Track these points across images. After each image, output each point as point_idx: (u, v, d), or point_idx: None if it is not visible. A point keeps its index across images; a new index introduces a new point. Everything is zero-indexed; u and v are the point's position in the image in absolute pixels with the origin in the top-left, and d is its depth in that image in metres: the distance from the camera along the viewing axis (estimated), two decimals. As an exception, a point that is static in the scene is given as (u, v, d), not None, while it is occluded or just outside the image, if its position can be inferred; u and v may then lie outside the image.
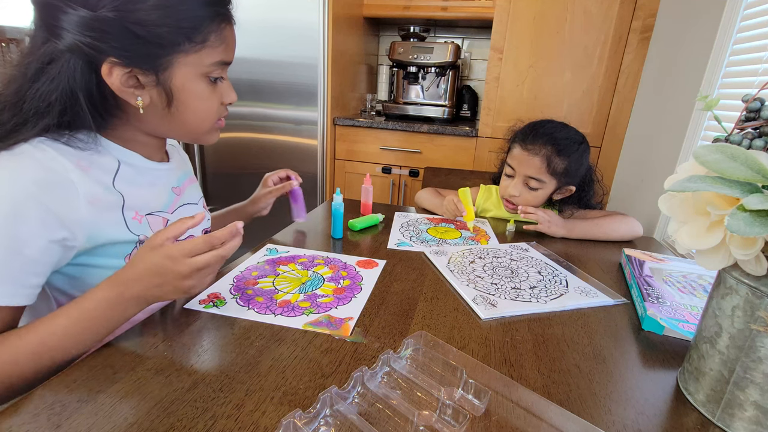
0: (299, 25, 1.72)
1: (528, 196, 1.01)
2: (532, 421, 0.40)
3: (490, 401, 0.42)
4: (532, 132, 1.00)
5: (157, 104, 0.53)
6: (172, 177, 0.65)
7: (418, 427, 0.37)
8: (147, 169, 0.60)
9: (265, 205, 0.91)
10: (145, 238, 0.57)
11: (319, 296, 0.60)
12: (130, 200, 0.55)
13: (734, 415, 0.40)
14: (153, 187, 0.60)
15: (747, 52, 0.97)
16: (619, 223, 0.96)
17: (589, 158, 1.04)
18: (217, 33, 0.52)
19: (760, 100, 0.40)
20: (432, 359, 0.47)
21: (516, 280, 0.70)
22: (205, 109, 0.57)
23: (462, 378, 0.43)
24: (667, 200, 0.43)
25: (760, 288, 0.37)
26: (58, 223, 0.47)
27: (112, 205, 0.53)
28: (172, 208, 0.63)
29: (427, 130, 1.83)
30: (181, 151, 0.74)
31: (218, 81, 0.57)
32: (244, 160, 1.95)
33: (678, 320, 0.57)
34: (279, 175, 0.92)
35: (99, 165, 0.52)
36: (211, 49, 0.52)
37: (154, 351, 0.46)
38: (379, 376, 0.44)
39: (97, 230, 0.51)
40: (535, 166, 0.98)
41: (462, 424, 0.37)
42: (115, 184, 0.54)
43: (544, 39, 1.67)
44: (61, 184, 0.47)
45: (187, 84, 0.53)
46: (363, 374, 0.42)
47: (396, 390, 0.42)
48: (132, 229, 0.55)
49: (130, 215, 0.55)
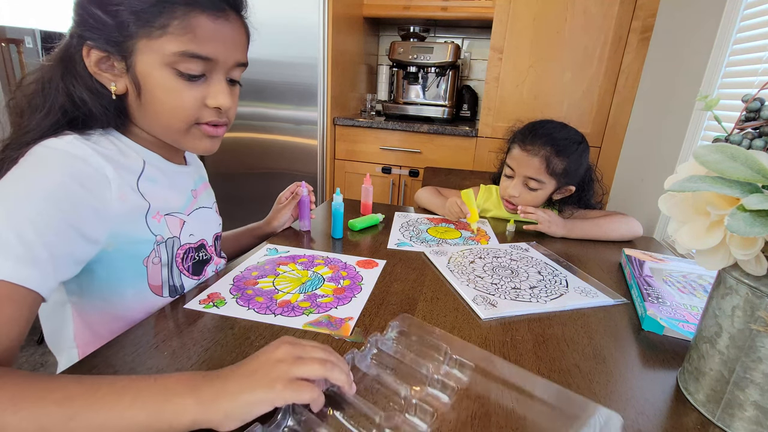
0: (299, 25, 1.72)
1: (527, 196, 1.01)
2: (513, 392, 0.43)
3: (473, 374, 0.45)
4: (531, 132, 0.99)
5: (132, 93, 0.52)
6: (189, 180, 0.65)
7: (412, 400, 0.39)
8: (168, 170, 0.60)
9: (280, 223, 0.88)
10: (161, 239, 0.56)
11: (319, 296, 0.60)
12: (153, 200, 0.55)
13: (734, 415, 0.40)
14: (173, 188, 0.60)
15: (747, 52, 0.97)
16: (619, 223, 0.96)
17: (588, 158, 1.04)
18: (181, 20, 0.48)
19: (760, 100, 0.40)
20: (418, 339, 0.50)
21: (516, 280, 0.70)
22: (174, 104, 0.52)
23: (447, 354, 0.46)
24: (667, 200, 0.43)
25: (760, 288, 0.37)
26: (92, 216, 0.47)
27: (137, 203, 0.53)
28: (189, 210, 0.63)
29: (427, 130, 1.83)
30: (196, 158, 0.74)
31: (198, 78, 0.52)
32: (244, 160, 1.95)
33: (678, 320, 0.57)
34: (290, 189, 0.90)
35: (125, 165, 0.53)
36: (172, 36, 0.48)
37: (154, 351, 0.46)
38: (368, 358, 0.46)
39: (122, 228, 0.51)
40: (534, 167, 0.97)
41: (451, 395, 0.41)
42: (139, 184, 0.54)
43: (544, 39, 1.67)
44: (98, 180, 0.48)
45: (153, 72, 0.50)
46: (354, 356, 0.44)
47: (387, 369, 0.44)
48: (152, 229, 0.55)
49: (151, 214, 0.55)
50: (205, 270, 0.65)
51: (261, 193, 1.94)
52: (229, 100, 0.55)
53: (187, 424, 0.33)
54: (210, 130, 0.56)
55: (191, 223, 0.62)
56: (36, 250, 0.40)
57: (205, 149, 0.58)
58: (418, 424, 0.38)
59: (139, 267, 0.55)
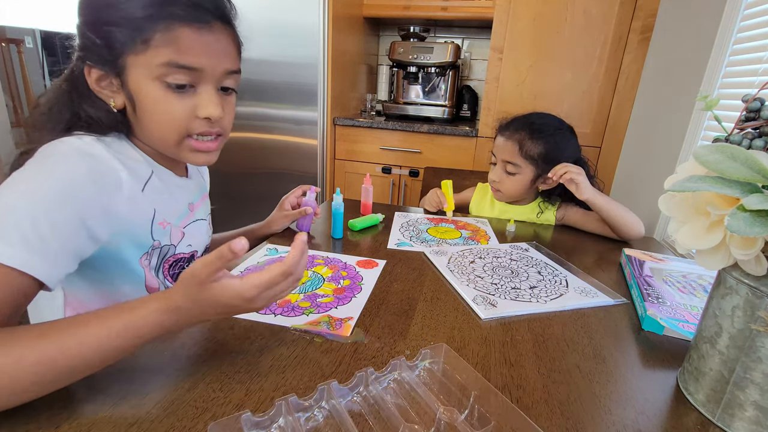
0: (299, 25, 1.72)
1: (507, 181, 1.04)
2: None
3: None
4: (512, 120, 1.04)
5: (129, 108, 0.54)
6: (188, 193, 0.66)
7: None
8: (170, 182, 0.61)
9: (279, 228, 0.87)
10: (158, 244, 0.58)
11: (319, 296, 0.60)
12: (158, 208, 0.57)
13: (734, 415, 0.40)
14: (173, 199, 0.61)
15: (747, 52, 0.97)
16: (627, 211, 0.95)
17: (576, 149, 1.04)
18: (163, 33, 0.49)
19: (760, 100, 0.40)
20: (445, 375, 0.45)
21: (516, 280, 0.70)
22: (165, 117, 0.52)
23: (469, 402, 0.41)
24: (667, 200, 0.43)
25: (760, 288, 0.37)
26: (102, 215, 0.49)
27: (144, 208, 0.55)
28: (185, 222, 0.64)
29: (427, 130, 1.83)
30: (200, 167, 0.74)
31: (186, 89, 0.52)
32: (244, 160, 1.94)
33: (678, 320, 0.57)
34: (295, 194, 0.87)
35: (134, 170, 0.55)
36: (156, 49, 0.49)
37: (154, 351, 0.46)
38: (385, 381, 0.43)
39: (125, 228, 0.53)
40: (509, 150, 1.01)
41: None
42: (145, 190, 0.56)
43: (544, 39, 1.67)
44: (112, 180, 0.51)
45: (143, 87, 0.51)
46: (367, 375, 0.42)
47: (398, 398, 0.42)
48: (154, 235, 0.57)
49: (157, 221, 0.57)
50: None
51: (261, 193, 1.94)
52: (219, 110, 0.54)
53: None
54: (198, 145, 0.56)
55: (188, 236, 0.64)
56: (48, 242, 0.42)
57: (202, 162, 0.58)
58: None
59: (135, 267, 0.56)
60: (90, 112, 0.53)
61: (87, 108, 0.53)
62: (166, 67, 0.50)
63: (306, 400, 0.38)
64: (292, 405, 0.37)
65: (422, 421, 0.39)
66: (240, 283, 0.39)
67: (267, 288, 0.40)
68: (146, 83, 0.51)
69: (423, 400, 0.42)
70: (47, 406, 0.37)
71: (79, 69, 0.52)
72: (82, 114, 0.53)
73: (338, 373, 0.44)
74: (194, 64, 0.51)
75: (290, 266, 0.41)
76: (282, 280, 0.41)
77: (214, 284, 0.39)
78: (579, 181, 0.92)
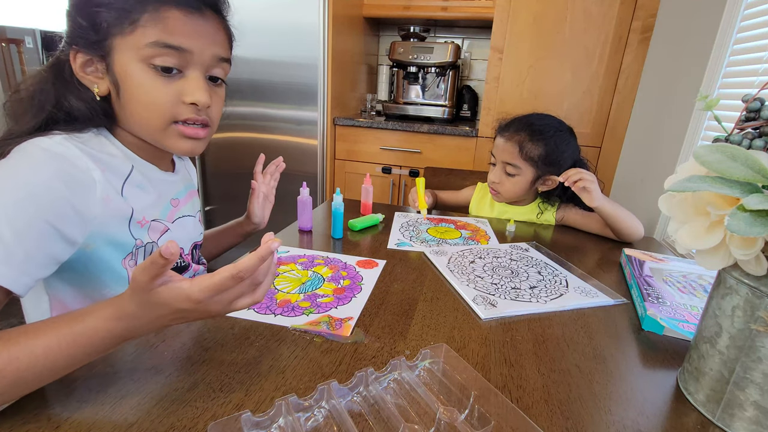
0: (299, 25, 1.72)
1: (507, 183, 1.04)
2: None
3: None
4: (512, 120, 1.04)
5: (113, 93, 0.53)
6: (172, 188, 0.65)
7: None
8: (153, 177, 0.60)
9: (260, 219, 0.85)
10: (141, 243, 0.57)
11: (319, 296, 0.60)
12: (137, 205, 0.56)
13: (734, 415, 0.40)
14: (155, 195, 0.60)
15: (747, 52, 0.97)
16: (631, 215, 0.95)
17: (576, 150, 1.04)
18: (151, 13, 0.49)
19: (760, 100, 0.40)
20: (445, 375, 0.45)
21: (516, 280, 0.70)
22: (150, 100, 0.51)
23: (469, 402, 0.41)
24: (667, 200, 0.43)
25: (760, 288, 0.37)
26: (74, 218, 0.47)
27: (120, 207, 0.54)
28: (170, 218, 0.63)
29: (427, 130, 1.83)
30: (188, 163, 0.73)
31: (173, 72, 0.51)
32: (244, 160, 1.94)
33: (678, 320, 0.57)
34: (256, 170, 0.84)
35: (113, 167, 0.53)
36: (143, 29, 0.49)
37: (154, 351, 0.46)
38: (385, 381, 0.43)
39: (102, 230, 0.51)
40: (509, 152, 1.00)
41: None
42: (124, 188, 0.54)
43: (544, 39, 1.67)
44: (83, 181, 0.49)
45: (129, 70, 0.50)
46: (367, 375, 0.42)
47: (398, 398, 0.42)
48: (134, 234, 0.56)
49: (135, 219, 0.56)
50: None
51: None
52: (206, 96, 0.53)
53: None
54: (186, 130, 0.54)
55: (172, 231, 0.63)
56: (11, 248, 0.41)
57: (187, 150, 0.57)
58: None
59: (117, 268, 0.55)
60: (72, 101, 0.52)
61: (69, 97, 0.52)
62: (153, 47, 0.49)
63: (306, 400, 0.38)
64: (292, 405, 0.37)
65: (422, 421, 0.39)
66: (188, 286, 0.37)
67: (217, 292, 0.37)
68: (132, 66, 0.50)
69: (423, 400, 0.42)
70: (47, 406, 0.37)
71: (65, 55, 0.51)
72: (65, 104, 0.51)
73: (338, 373, 0.44)
74: (182, 44, 0.50)
75: (241, 270, 0.37)
76: (233, 285, 0.38)
77: (162, 288, 0.37)
78: (591, 189, 0.91)
